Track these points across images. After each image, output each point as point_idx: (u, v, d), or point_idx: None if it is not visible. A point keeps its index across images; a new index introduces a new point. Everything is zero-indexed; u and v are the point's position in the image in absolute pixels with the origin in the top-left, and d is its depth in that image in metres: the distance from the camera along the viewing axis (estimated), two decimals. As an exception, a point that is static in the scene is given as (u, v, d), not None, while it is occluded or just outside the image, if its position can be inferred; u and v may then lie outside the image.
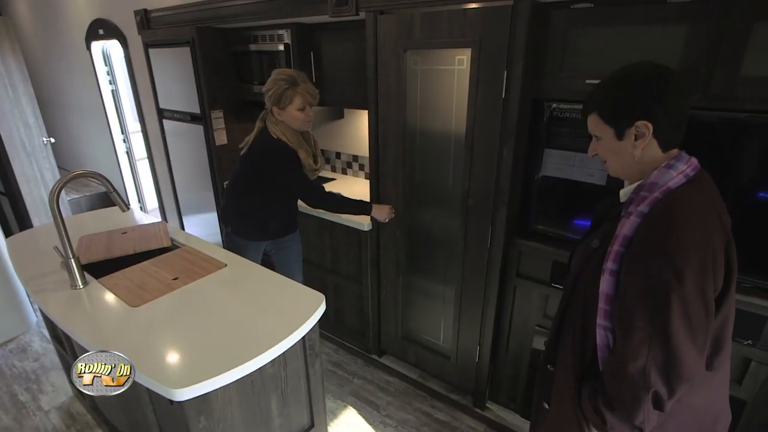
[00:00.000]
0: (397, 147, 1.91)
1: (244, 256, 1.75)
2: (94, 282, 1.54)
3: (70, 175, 1.41)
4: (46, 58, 4.48)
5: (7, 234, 2.87)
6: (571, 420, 1.00)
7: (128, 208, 1.60)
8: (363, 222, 2.09)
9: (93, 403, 1.97)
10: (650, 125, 0.86)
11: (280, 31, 2.29)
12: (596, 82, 1.38)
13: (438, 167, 1.86)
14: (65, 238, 1.44)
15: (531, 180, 1.73)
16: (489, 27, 1.49)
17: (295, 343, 1.31)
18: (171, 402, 1.14)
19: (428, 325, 2.19)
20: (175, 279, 1.54)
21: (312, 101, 1.80)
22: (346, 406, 2.16)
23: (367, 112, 1.92)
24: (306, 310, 1.36)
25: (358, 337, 2.50)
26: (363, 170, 2.82)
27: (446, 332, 2.12)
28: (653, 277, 0.81)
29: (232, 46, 2.58)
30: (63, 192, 3.64)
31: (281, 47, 2.30)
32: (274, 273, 1.61)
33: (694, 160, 0.90)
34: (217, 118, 2.67)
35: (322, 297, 1.42)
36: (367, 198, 2.13)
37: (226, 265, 1.64)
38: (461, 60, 1.61)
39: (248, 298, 1.47)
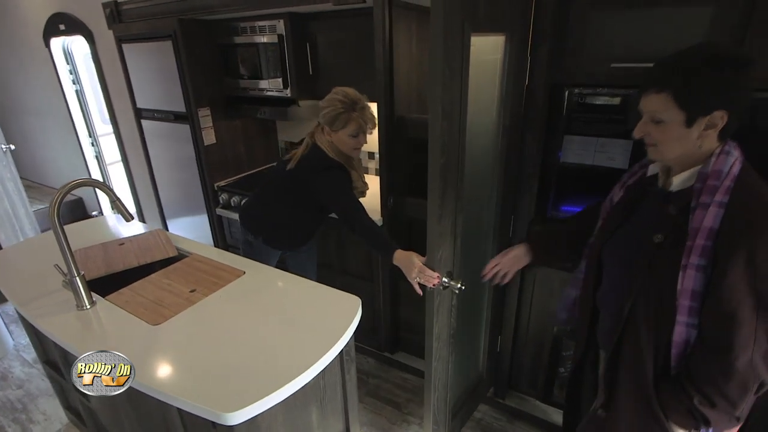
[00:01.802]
0: (458, 189, 1.32)
1: (266, 263, 1.66)
2: (101, 300, 1.41)
3: (70, 185, 1.27)
4: (-4, 58, 4.11)
5: (-28, 252, 2.62)
6: (641, 425, 0.98)
7: (132, 218, 1.46)
8: (374, 219, 2.02)
9: (98, 429, 1.82)
10: (726, 117, 0.83)
11: (273, 22, 2.16)
12: (623, 66, 1.42)
13: (481, 183, 1.63)
14: (69, 255, 1.31)
15: (550, 167, 1.71)
16: (520, 7, 1.41)
17: (335, 351, 1.24)
18: (213, 425, 1.05)
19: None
20: (192, 291, 1.43)
21: (367, 129, 1.67)
22: (365, 408, 2.11)
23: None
24: (343, 316, 1.29)
25: (369, 335, 2.44)
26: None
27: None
28: (761, 266, 0.78)
29: (217, 38, 2.42)
30: (28, 203, 3.40)
31: (274, 39, 2.18)
32: (299, 277, 1.53)
33: (737, 144, 0.89)
34: (205, 117, 2.51)
35: (358, 300, 1.36)
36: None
37: (244, 273, 1.54)
38: (500, 47, 1.44)
39: (278, 307, 1.38)
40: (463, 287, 1.36)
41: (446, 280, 1.35)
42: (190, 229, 3.03)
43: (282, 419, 1.17)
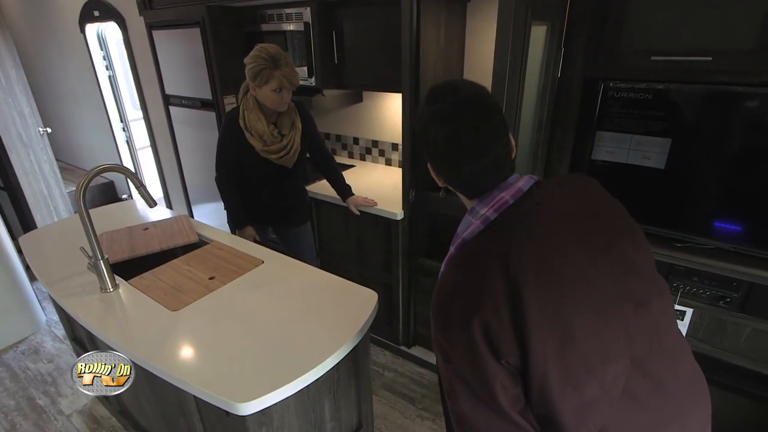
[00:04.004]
0: None
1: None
2: (124, 284, 1.44)
3: (96, 170, 1.29)
4: (35, 43, 4.24)
5: (9, 231, 2.73)
6: None
7: (155, 204, 1.48)
8: (396, 212, 2.00)
9: (120, 407, 1.88)
10: (433, 171, 0.81)
11: (299, 9, 2.14)
12: (664, 59, 1.33)
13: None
14: (93, 238, 1.33)
15: (580, 164, 1.64)
16: None
17: (350, 345, 1.23)
18: (227, 413, 1.06)
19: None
20: (211, 278, 1.45)
21: (289, 86, 1.70)
22: (380, 401, 2.10)
23: (388, 95, 1.76)
24: (360, 310, 1.28)
25: (385, 327, 2.43)
26: (383, 156, 2.71)
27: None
28: (437, 355, 0.75)
29: (244, 26, 2.42)
30: (63, 184, 3.52)
31: (301, 27, 2.16)
32: (316, 269, 1.52)
33: (504, 196, 0.74)
34: (230, 104, 2.53)
35: (375, 295, 1.34)
36: (387, 185, 2.08)
37: (263, 262, 1.54)
38: (541, 38, 1.38)
39: (295, 298, 1.38)
40: None
41: None
42: (214, 216, 3.07)
43: (295, 410, 1.17)
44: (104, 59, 3.70)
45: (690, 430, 0.79)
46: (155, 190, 4.09)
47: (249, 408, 0.98)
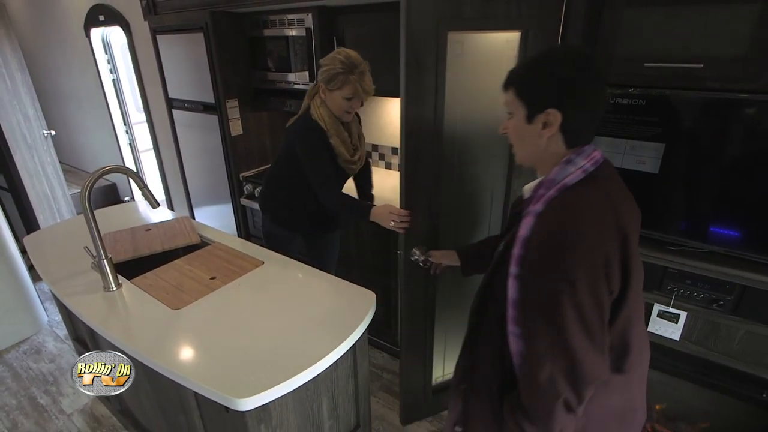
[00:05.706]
0: (436, 173, 1.54)
1: (283, 247, 1.67)
2: (127, 283, 1.46)
3: (102, 170, 1.33)
4: (41, 47, 4.29)
5: (13, 232, 2.76)
6: None
7: (158, 205, 1.51)
8: (394, 214, 2.02)
9: (120, 406, 1.90)
10: (559, 116, 0.82)
11: (301, 15, 2.18)
12: (657, 65, 1.36)
13: (479, 175, 1.68)
14: (97, 238, 1.36)
15: (576, 169, 1.67)
16: (545, 4, 1.39)
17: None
18: (226, 410, 1.08)
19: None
20: (212, 278, 1.47)
21: (363, 96, 1.64)
22: (378, 402, 2.12)
23: (389, 99, 1.77)
24: (358, 310, 1.30)
25: (384, 330, 2.45)
26: (383, 160, 2.74)
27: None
28: (545, 282, 0.77)
29: (247, 31, 2.46)
30: (66, 186, 3.55)
31: (303, 32, 2.20)
32: (316, 270, 1.55)
33: (597, 154, 0.86)
34: (233, 108, 2.56)
35: (373, 295, 1.36)
36: (386, 188, 2.10)
37: (263, 263, 1.57)
38: (512, 44, 1.45)
39: (294, 298, 1.40)
40: (429, 262, 1.50)
41: (417, 252, 1.52)
42: (216, 218, 3.10)
43: (293, 408, 1.19)
44: (108, 63, 3.75)
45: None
46: (157, 192, 4.12)
47: (248, 404, 1.00)
